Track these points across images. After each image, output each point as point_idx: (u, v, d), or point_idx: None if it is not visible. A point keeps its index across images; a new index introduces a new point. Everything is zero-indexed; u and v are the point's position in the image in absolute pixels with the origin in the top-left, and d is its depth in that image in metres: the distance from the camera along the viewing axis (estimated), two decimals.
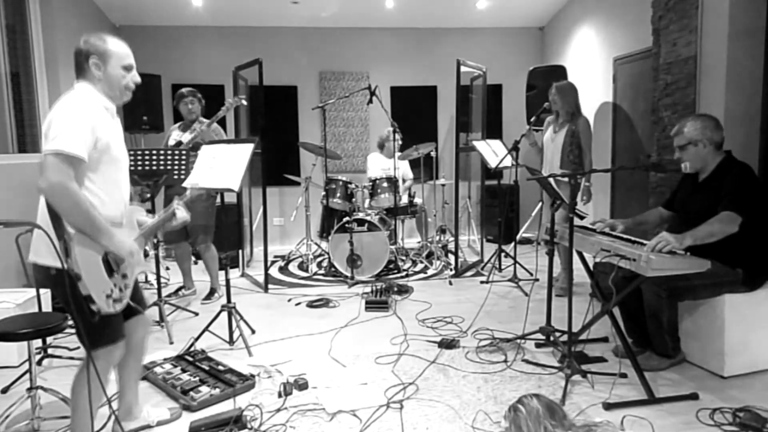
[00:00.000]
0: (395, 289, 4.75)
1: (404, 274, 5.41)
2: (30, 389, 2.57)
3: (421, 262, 5.88)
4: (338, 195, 5.46)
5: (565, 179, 4.02)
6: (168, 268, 5.49)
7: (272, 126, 6.35)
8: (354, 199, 5.56)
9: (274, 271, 5.69)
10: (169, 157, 3.83)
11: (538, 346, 3.45)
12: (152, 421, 2.56)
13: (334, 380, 3.02)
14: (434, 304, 4.43)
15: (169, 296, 4.64)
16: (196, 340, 3.56)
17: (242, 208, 5.85)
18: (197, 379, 2.98)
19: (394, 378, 3.04)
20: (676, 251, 2.64)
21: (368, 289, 4.76)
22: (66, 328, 2.54)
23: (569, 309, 2.99)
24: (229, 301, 3.60)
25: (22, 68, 4.72)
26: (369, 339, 3.69)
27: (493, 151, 5.10)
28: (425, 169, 6.18)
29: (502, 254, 5.43)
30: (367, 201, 5.68)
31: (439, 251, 5.99)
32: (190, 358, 3.25)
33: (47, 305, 3.40)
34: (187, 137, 4.52)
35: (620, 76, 5.53)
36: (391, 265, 5.47)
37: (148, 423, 2.56)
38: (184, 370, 3.10)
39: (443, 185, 6.35)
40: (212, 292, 4.69)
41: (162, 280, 4.21)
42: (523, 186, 5.41)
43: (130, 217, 2.30)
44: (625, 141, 5.51)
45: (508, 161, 4.96)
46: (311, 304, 4.47)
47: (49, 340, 3.52)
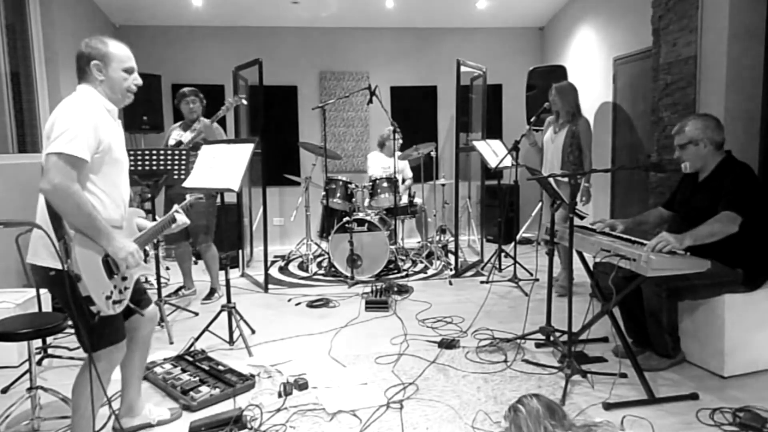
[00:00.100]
0: (395, 289, 4.75)
1: (404, 274, 5.41)
2: (30, 389, 2.57)
3: (421, 262, 5.87)
4: (338, 195, 5.46)
5: (565, 179, 4.03)
6: (168, 268, 5.49)
7: (272, 126, 6.35)
8: (354, 199, 5.55)
9: (274, 271, 5.69)
10: (169, 157, 3.83)
11: (538, 346, 3.45)
12: (153, 420, 2.57)
13: (334, 380, 3.02)
14: (434, 304, 4.43)
15: (169, 296, 4.64)
16: (196, 340, 3.57)
17: (242, 208, 5.86)
18: (197, 379, 2.98)
19: (394, 378, 3.05)
20: (676, 251, 2.64)
21: (368, 289, 4.76)
22: (66, 328, 2.54)
23: (569, 309, 2.99)
24: (229, 301, 3.60)
25: (22, 68, 4.72)
26: (369, 339, 3.69)
27: (493, 151, 5.10)
28: (424, 169, 6.19)
29: (502, 254, 5.43)
30: (367, 201, 5.68)
31: (439, 251, 5.99)
32: (190, 358, 3.25)
33: (47, 305, 3.40)
34: (188, 136, 4.52)
35: (620, 76, 5.53)
36: (391, 265, 5.46)
37: (149, 421, 2.56)
38: (184, 370, 3.10)
39: (443, 185, 6.35)
40: (212, 292, 4.69)
41: (162, 280, 4.22)
42: (523, 186, 5.41)
43: (130, 220, 2.30)
44: (625, 141, 5.51)
45: (508, 161, 4.96)
46: (311, 304, 4.47)
47: (49, 340, 3.52)
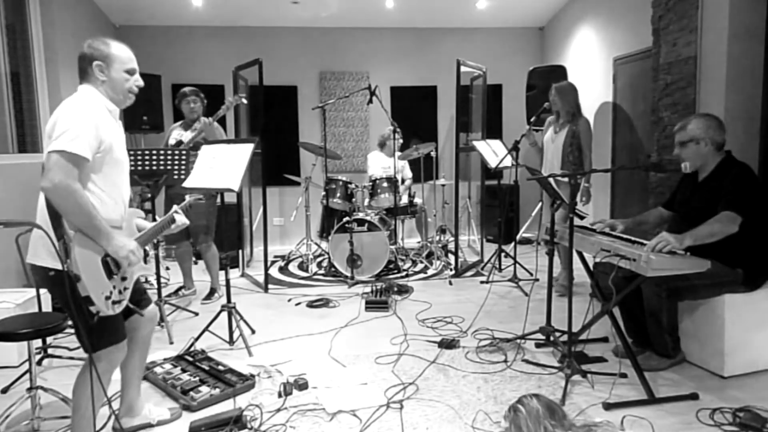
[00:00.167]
0: (395, 289, 4.75)
1: (404, 274, 5.41)
2: (30, 389, 2.57)
3: (421, 262, 5.87)
4: (338, 195, 5.46)
5: (565, 179, 4.03)
6: (168, 268, 5.49)
7: (272, 126, 6.34)
8: (354, 199, 5.55)
9: (274, 271, 5.69)
10: (169, 157, 3.83)
11: (538, 346, 3.45)
12: (153, 419, 2.57)
13: (334, 380, 3.02)
14: (434, 304, 4.43)
15: (169, 296, 4.64)
16: (196, 340, 3.57)
17: (242, 208, 5.86)
18: (197, 379, 2.98)
19: (394, 378, 3.05)
20: (676, 251, 2.64)
21: (368, 289, 4.76)
22: (66, 328, 2.54)
23: (569, 309, 2.99)
24: (229, 301, 3.60)
25: (22, 68, 4.72)
26: (369, 339, 3.69)
27: (493, 151, 5.10)
28: (425, 169, 6.19)
29: (502, 254, 5.43)
30: (367, 201, 5.68)
31: (439, 251, 5.99)
32: (190, 358, 3.25)
33: (47, 305, 3.40)
34: (188, 136, 4.52)
35: (620, 76, 5.53)
36: (391, 265, 5.46)
37: (149, 421, 2.56)
38: (184, 370, 3.10)
39: (443, 185, 6.35)
40: (212, 292, 4.69)
41: (162, 280, 4.22)
42: (523, 186, 5.41)
43: (130, 220, 2.30)
44: (625, 141, 5.51)
45: (508, 161, 4.96)
46: (311, 304, 4.47)
47: (49, 340, 3.52)
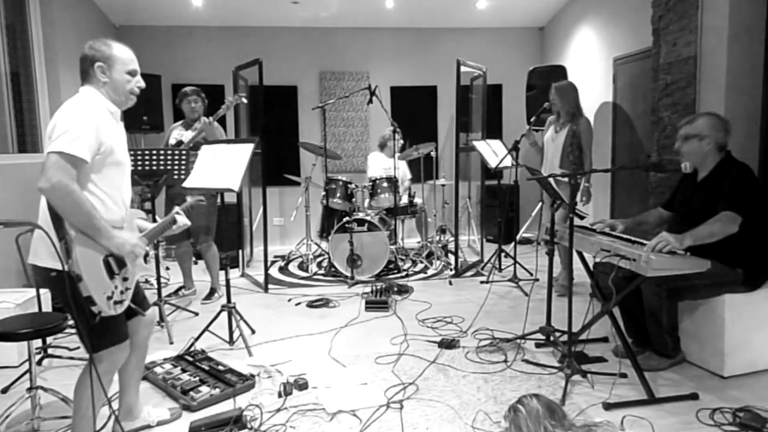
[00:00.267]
0: (395, 289, 4.75)
1: (404, 274, 5.41)
2: (30, 389, 2.57)
3: (421, 262, 5.87)
4: (338, 195, 5.46)
5: (565, 179, 4.03)
6: (168, 268, 5.49)
7: (272, 126, 6.34)
8: (354, 199, 5.55)
9: (274, 271, 5.69)
10: (169, 157, 3.83)
11: (538, 346, 3.45)
12: (152, 421, 2.57)
13: (334, 380, 3.02)
14: (434, 304, 4.43)
15: (169, 296, 4.64)
16: (196, 340, 3.56)
17: (242, 208, 5.86)
18: (197, 379, 2.98)
19: (394, 378, 3.05)
20: (676, 251, 2.64)
21: (368, 289, 4.76)
22: (66, 328, 2.54)
23: (569, 309, 2.99)
24: (229, 301, 3.60)
25: (22, 68, 4.72)
26: (369, 339, 3.69)
27: (493, 151, 5.10)
28: (425, 169, 6.19)
29: (502, 254, 5.43)
30: (367, 201, 5.68)
31: (439, 251, 5.99)
32: (190, 358, 3.25)
33: (47, 305, 3.40)
34: (189, 136, 4.52)
35: (620, 76, 5.53)
36: (391, 265, 5.46)
37: (148, 423, 2.56)
38: (184, 370, 3.10)
39: (443, 185, 6.35)
40: (212, 292, 4.69)
41: (162, 280, 4.22)
42: (523, 186, 5.40)
43: (131, 221, 2.30)
44: (625, 141, 5.51)
45: (508, 161, 4.96)
46: (311, 304, 4.47)
47: (49, 340, 3.52)
